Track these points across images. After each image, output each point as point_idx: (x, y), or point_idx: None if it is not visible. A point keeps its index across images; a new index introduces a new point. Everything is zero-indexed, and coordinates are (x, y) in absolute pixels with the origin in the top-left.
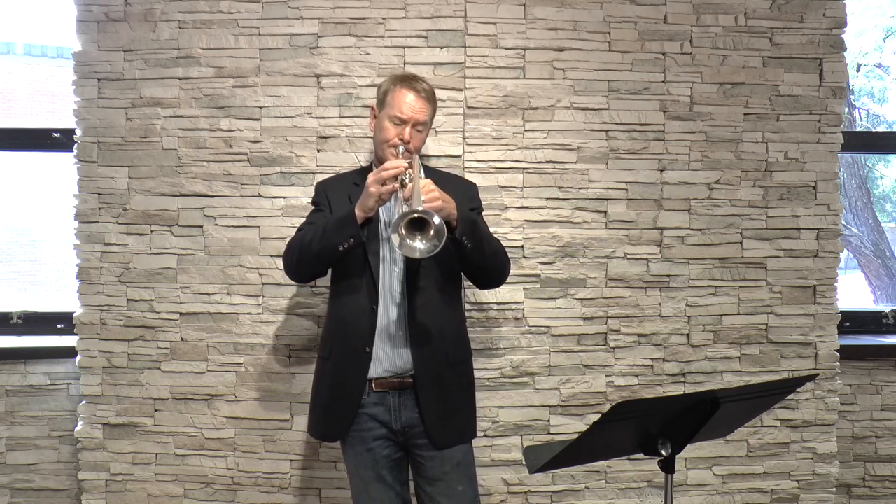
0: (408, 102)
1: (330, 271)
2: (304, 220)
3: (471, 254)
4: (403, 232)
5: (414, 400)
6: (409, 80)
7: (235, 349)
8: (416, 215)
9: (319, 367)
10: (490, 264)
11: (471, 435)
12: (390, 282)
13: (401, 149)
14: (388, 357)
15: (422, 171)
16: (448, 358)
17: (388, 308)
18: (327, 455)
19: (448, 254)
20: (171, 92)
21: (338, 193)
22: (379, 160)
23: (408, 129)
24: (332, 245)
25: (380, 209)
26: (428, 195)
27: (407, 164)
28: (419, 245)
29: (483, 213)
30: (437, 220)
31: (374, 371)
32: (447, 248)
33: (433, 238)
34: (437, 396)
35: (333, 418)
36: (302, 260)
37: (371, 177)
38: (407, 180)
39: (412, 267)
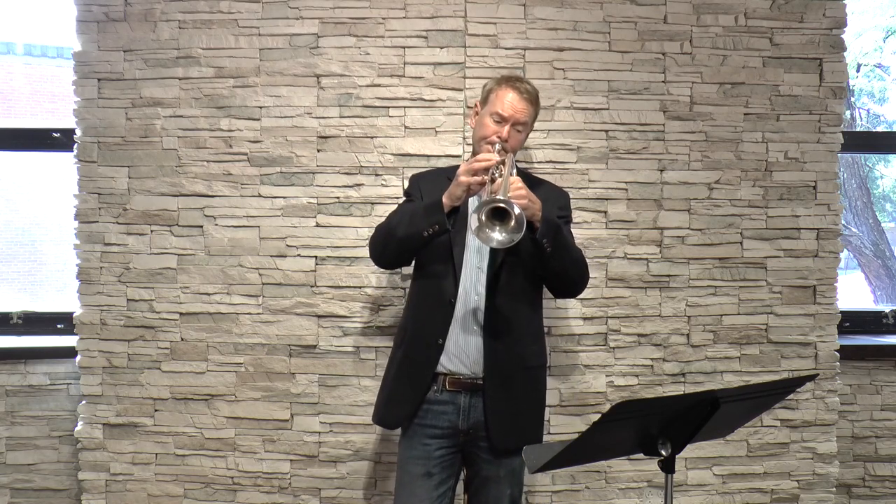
0: (509, 101)
1: (413, 262)
2: (383, 212)
3: (549, 258)
4: (484, 219)
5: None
6: (512, 81)
7: (235, 349)
8: (500, 204)
9: (391, 355)
10: (568, 272)
11: (535, 442)
12: (472, 276)
13: (498, 146)
14: (460, 350)
15: (514, 170)
16: (523, 361)
17: (467, 302)
18: (327, 455)
19: (531, 256)
20: (171, 92)
21: (431, 186)
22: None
23: (507, 128)
24: (416, 231)
25: (469, 203)
26: (515, 192)
27: (499, 159)
28: (496, 235)
29: (571, 225)
30: (517, 211)
31: (445, 365)
32: (528, 248)
33: (512, 230)
34: (506, 399)
35: (396, 405)
36: (388, 244)
37: (463, 166)
38: (497, 175)
39: (495, 264)
